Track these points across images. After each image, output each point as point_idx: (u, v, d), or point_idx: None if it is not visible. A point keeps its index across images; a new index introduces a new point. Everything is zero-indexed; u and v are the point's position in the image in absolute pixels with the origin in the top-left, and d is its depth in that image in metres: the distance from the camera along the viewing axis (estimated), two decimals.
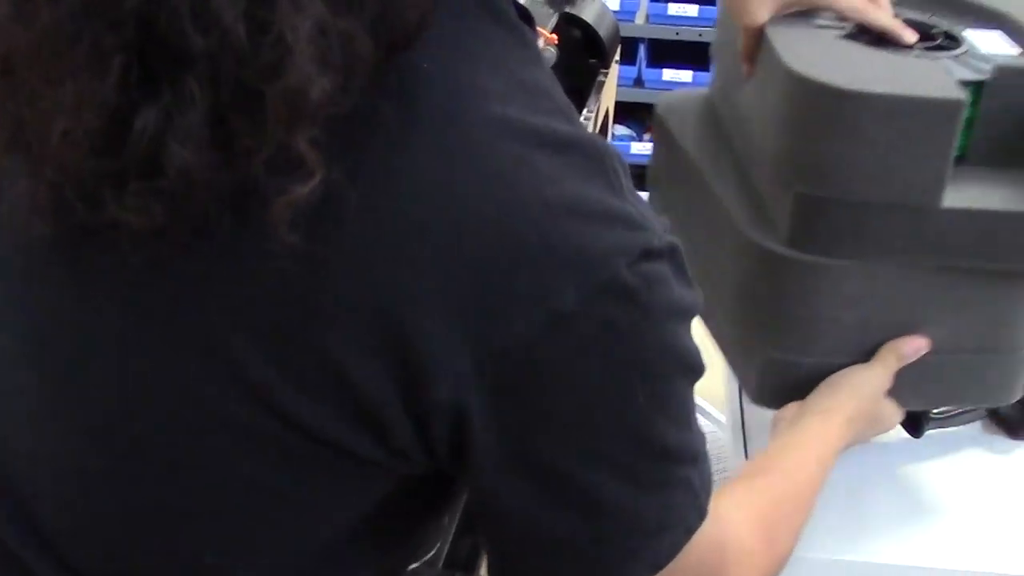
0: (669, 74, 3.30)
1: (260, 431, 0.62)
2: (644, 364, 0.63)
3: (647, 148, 3.48)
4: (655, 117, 1.16)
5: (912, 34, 0.95)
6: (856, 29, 0.96)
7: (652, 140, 1.20)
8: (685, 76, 3.29)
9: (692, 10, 3.21)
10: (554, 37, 1.67)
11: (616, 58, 2.03)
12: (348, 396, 0.61)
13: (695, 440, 0.68)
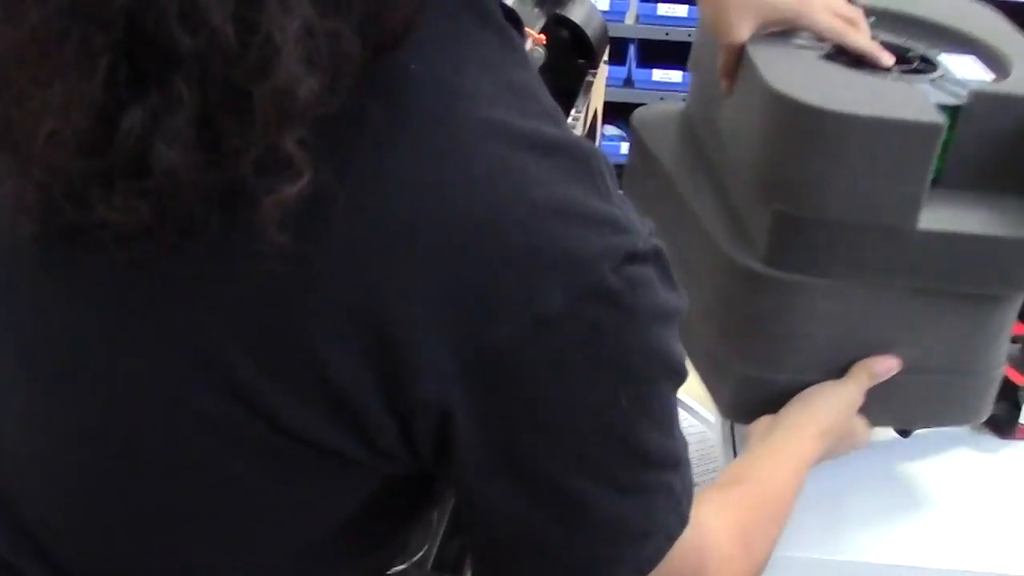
0: (659, 74, 3.29)
1: (246, 431, 0.62)
2: (628, 367, 0.63)
3: None
4: (631, 129, 1.16)
5: (889, 57, 0.97)
6: (834, 50, 0.97)
7: (627, 151, 1.19)
8: (675, 76, 3.28)
9: (682, 10, 3.20)
10: (542, 37, 1.67)
11: (605, 58, 2.03)
12: (333, 396, 0.61)
13: (677, 446, 0.69)
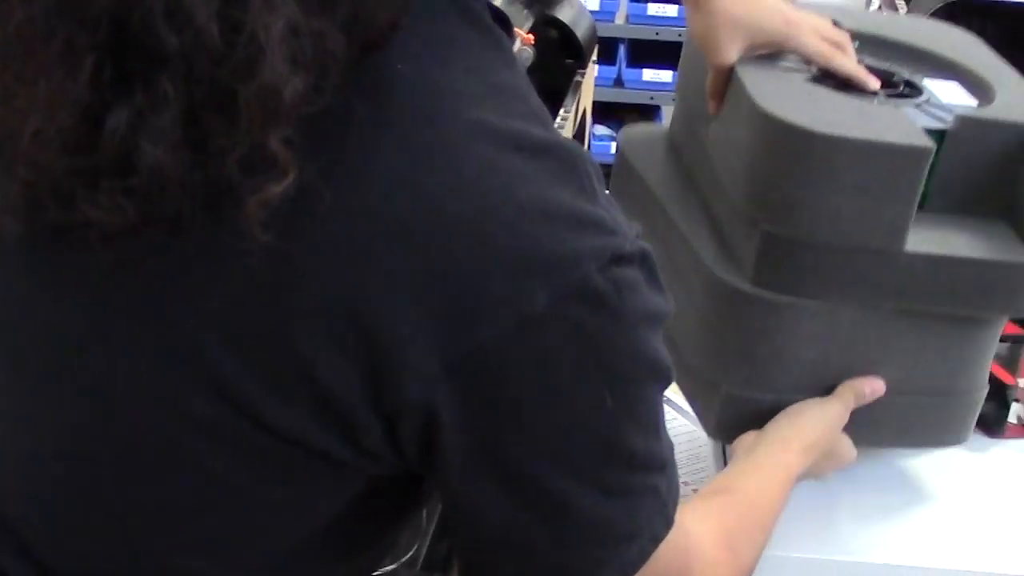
0: (649, 74, 3.30)
1: (231, 431, 0.62)
2: (613, 369, 0.63)
3: None
4: (618, 148, 1.16)
5: (875, 81, 0.98)
6: (821, 73, 0.98)
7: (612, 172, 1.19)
8: (665, 76, 3.28)
9: (672, 10, 3.20)
10: (531, 37, 1.67)
11: (594, 58, 2.04)
12: (318, 396, 0.61)
13: (663, 448, 0.69)
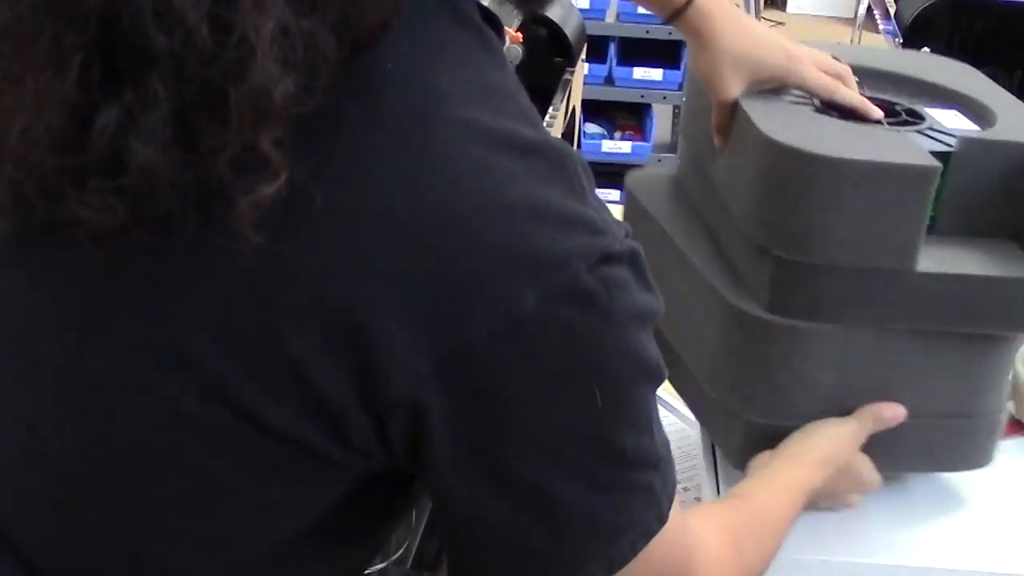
0: (639, 72, 3.30)
1: (220, 429, 0.62)
2: (603, 368, 0.63)
3: (618, 146, 3.49)
4: (626, 191, 1.18)
5: (878, 111, 0.99)
6: (824, 105, 1.00)
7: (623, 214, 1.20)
8: (655, 74, 3.29)
9: None
10: (519, 36, 1.68)
11: (584, 56, 2.04)
12: (308, 394, 0.61)
13: (657, 445, 0.68)
